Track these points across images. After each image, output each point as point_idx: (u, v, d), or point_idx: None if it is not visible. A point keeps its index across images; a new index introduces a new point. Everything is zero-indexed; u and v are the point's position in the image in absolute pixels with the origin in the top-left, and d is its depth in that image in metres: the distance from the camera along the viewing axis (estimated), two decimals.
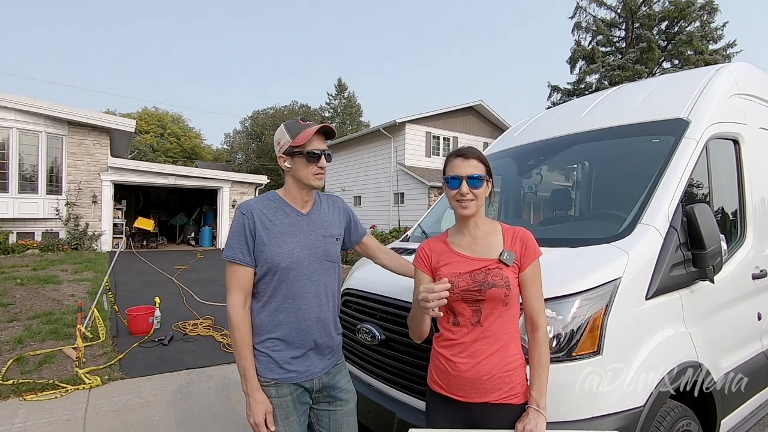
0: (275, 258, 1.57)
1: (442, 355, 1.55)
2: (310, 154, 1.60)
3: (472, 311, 1.49)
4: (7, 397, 3.55)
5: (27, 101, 11.81)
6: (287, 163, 1.64)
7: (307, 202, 1.70)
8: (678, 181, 2.06)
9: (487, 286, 1.46)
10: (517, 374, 1.48)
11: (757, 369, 2.46)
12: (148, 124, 43.09)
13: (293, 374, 1.61)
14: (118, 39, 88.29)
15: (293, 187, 1.67)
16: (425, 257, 1.63)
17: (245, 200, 1.69)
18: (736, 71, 2.63)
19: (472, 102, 20.60)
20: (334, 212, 1.79)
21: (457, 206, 1.56)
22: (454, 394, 1.51)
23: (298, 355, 1.62)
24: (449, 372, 1.51)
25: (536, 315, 1.51)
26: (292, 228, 1.63)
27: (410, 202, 18.57)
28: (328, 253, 1.69)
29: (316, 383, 1.67)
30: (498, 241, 1.55)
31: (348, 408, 1.76)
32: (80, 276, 8.63)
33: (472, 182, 1.53)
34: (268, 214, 1.62)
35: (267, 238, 1.58)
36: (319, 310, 1.65)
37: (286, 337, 1.60)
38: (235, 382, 4.01)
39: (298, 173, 1.63)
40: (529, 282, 1.52)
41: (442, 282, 1.42)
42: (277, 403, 1.59)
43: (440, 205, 3.45)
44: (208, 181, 15.75)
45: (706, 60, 18.99)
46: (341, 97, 45.19)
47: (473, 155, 1.57)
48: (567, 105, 3.50)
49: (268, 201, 1.67)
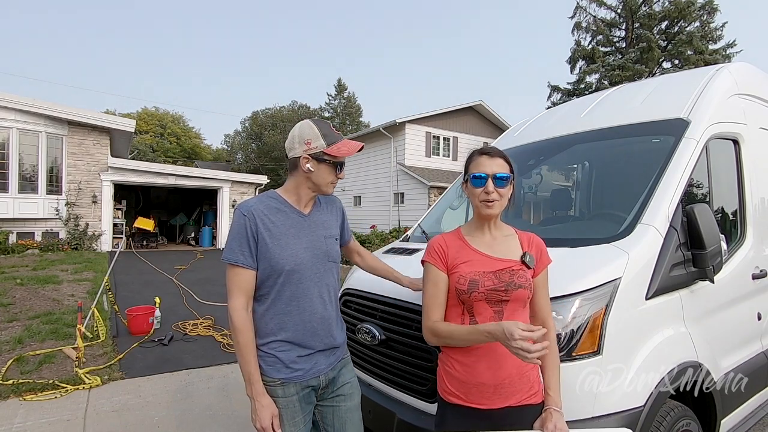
0: (279, 261, 1.54)
1: (458, 361, 1.47)
2: (340, 165, 1.62)
3: (494, 312, 1.44)
4: (7, 397, 3.55)
5: (27, 101, 11.80)
6: (310, 165, 1.58)
7: (309, 202, 1.69)
8: (678, 181, 2.06)
9: (514, 287, 1.43)
10: (533, 373, 1.47)
11: (757, 369, 2.46)
12: (148, 124, 43.08)
13: (299, 372, 1.59)
14: (118, 39, 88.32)
15: (304, 188, 1.64)
16: (441, 252, 1.54)
17: (244, 200, 1.65)
18: (736, 71, 2.63)
19: (472, 102, 20.59)
20: (332, 212, 1.78)
21: (481, 206, 1.50)
22: (475, 402, 1.44)
23: (303, 354, 1.60)
24: (469, 380, 1.44)
25: (547, 317, 1.52)
26: (295, 229, 1.61)
27: (410, 202, 18.56)
28: (330, 253, 1.68)
29: (323, 380, 1.66)
30: (515, 244, 1.54)
31: (352, 404, 1.73)
32: (80, 276, 8.62)
33: (499, 181, 1.48)
34: (270, 215, 1.58)
35: (270, 240, 1.55)
36: (324, 310, 1.64)
37: (292, 339, 1.58)
38: (235, 381, 4.01)
39: (318, 178, 1.61)
40: (541, 287, 1.52)
41: (539, 330, 1.23)
42: (284, 404, 1.57)
43: (440, 205, 3.44)
44: (208, 181, 15.74)
45: (706, 60, 18.99)
46: (341, 97, 45.18)
47: (498, 154, 1.52)
48: (567, 105, 3.50)
49: (269, 201, 1.63)
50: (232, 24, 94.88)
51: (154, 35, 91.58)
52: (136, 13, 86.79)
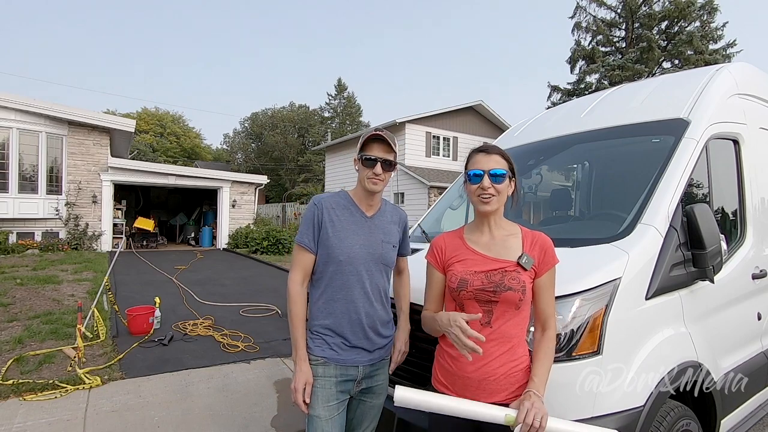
0: (335, 250, 1.71)
1: (448, 353, 1.53)
2: (367, 159, 1.72)
3: (484, 312, 1.47)
4: (7, 397, 3.54)
5: (27, 101, 11.80)
6: (356, 166, 1.79)
7: (371, 205, 1.82)
8: (678, 181, 2.06)
9: (503, 289, 1.44)
10: (523, 374, 1.48)
11: (757, 369, 2.46)
12: (148, 123, 43.08)
13: (342, 356, 1.72)
14: (118, 39, 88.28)
15: (359, 188, 1.80)
16: (437, 251, 1.62)
17: (319, 194, 1.89)
18: (736, 71, 2.63)
19: (472, 102, 20.58)
20: (395, 221, 1.89)
21: (477, 201, 1.54)
22: (460, 394, 1.49)
23: (347, 344, 1.73)
24: (455, 372, 1.50)
25: (548, 319, 1.51)
26: (355, 226, 1.76)
27: (410, 202, 18.55)
28: (384, 257, 1.79)
29: (361, 371, 1.76)
30: (516, 244, 1.53)
31: (378, 402, 1.87)
32: (80, 276, 8.62)
33: (495, 177, 1.50)
34: (336, 210, 1.76)
35: (331, 231, 1.72)
36: (370, 307, 1.75)
37: (337, 326, 1.73)
38: (235, 382, 4.01)
39: (360, 175, 1.77)
40: (545, 288, 1.51)
41: (475, 316, 1.43)
42: (321, 383, 1.70)
43: (440, 205, 3.45)
44: (208, 181, 15.74)
45: (706, 60, 18.98)
46: (341, 97, 45.16)
47: (495, 151, 1.55)
48: (567, 105, 3.50)
49: (338, 198, 1.81)
50: (232, 24, 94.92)
51: (154, 35, 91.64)
52: (136, 13, 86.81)
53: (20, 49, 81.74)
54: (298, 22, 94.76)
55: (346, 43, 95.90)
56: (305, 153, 42.01)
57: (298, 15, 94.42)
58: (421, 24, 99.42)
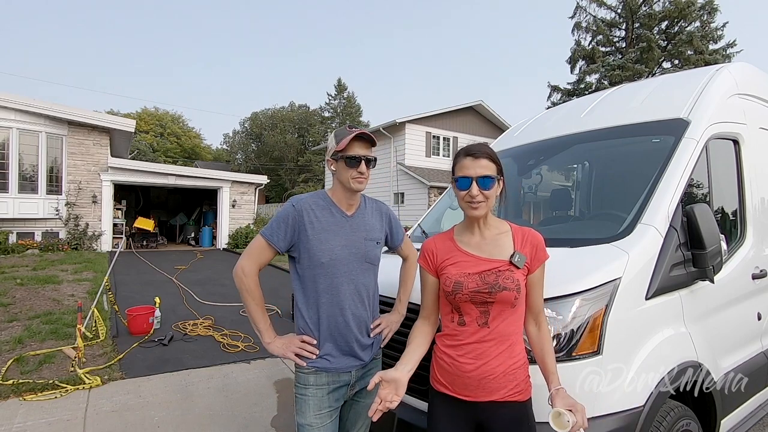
0: (317, 253, 1.67)
1: (447, 354, 1.53)
2: (350, 159, 1.67)
3: (480, 312, 1.48)
4: (7, 397, 3.54)
5: (27, 101, 11.80)
6: (333, 167, 1.74)
7: (351, 204, 1.78)
8: (678, 181, 2.06)
9: (498, 289, 1.44)
10: (521, 371, 1.49)
11: (757, 369, 2.46)
12: (148, 124, 43.07)
13: (332, 363, 1.69)
14: (118, 39, 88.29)
15: (338, 189, 1.76)
16: (429, 256, 1.61)
17: (299, 195, 1.82)
18: (736, 71, 2.63)
19: (472, 102, 20.58)
20: (377, 217, 1.86)
21: (467, 207, 1.53)
22: (460, 393, 1.50)
23: (337, 348, 1.70)
24: (454, 372, 1.50)
25: (540, 313, 1.54)
26: (336, 227, 1.72)
27: (410, 202, 18.56)
28: (368, 255, 1.77)
29: (354, 375, 1.73)
30: (507, 242, 1.53)
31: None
32: (80, 276, 8.62)
33: (483, 183, 1.48)
34: (316, 211, 1.72)
35: (311, 233, 1.68)
36: (356, 308, 1.73)
37: (326, 330, 1.69)
38: (235, 382, 4.01)
39: (340, 176, 1.72)
40: (537, 283, 1.52)
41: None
42: (312, 392, 1.67)
43: (440, 205, 3.44)
44: (208, 181, 15.74)
45: (706, 60, 18.98)
46: (341, 97, 45.11)
47: (483, 154, 1.51)
48: (567, 105, 3.50)
49: (318, 199, 1.76)
50: (232, 24, 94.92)
51: (154, 35, 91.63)
52: (136, 13, 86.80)
53: (20, 49, 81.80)
54: (298, 22, 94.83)
55: (346, 43, 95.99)
56: (305, 153, 42.01)
57: (298, 15, 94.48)
58: (422, 24, 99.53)
